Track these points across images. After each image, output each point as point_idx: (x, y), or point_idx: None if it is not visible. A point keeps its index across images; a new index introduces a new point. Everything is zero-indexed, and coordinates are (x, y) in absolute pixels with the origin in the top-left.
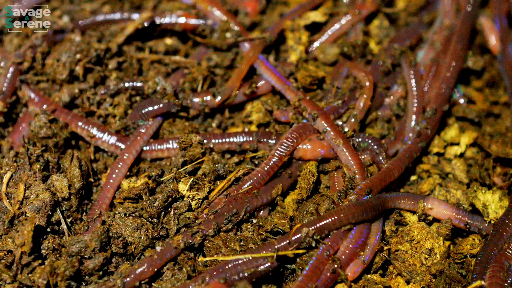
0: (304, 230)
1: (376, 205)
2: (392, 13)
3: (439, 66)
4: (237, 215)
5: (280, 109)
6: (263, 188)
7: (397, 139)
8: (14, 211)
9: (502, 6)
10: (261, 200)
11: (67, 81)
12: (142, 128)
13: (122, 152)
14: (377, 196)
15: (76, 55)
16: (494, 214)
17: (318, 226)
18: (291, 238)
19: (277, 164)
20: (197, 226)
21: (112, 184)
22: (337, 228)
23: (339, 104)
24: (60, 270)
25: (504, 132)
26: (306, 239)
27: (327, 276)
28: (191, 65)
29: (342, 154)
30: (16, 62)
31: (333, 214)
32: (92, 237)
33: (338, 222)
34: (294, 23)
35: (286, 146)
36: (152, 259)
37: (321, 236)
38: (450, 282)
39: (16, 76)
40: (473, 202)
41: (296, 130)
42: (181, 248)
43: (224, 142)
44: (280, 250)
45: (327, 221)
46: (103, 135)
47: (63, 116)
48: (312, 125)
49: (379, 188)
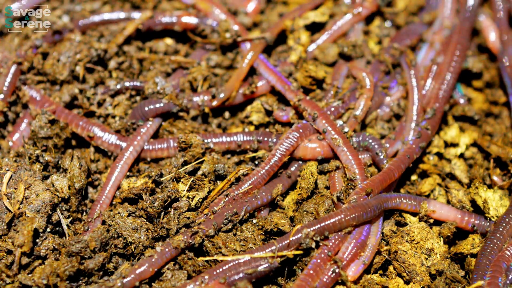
0: (304, 231)
1: (376, 206)
2: (392, 13)
3: (439, 66)
4: (237, 215)
5: (280, 109)
6: (263, 188)
7: (396, 138)
8: (14, 211)
9: (503, 5)
10: (261, 200)
11: (67, 81)
12: (142, 127)
13: (122, 152)
14: (378, 196)
15: (76, 55)
16: (494, 212)
17: (319, 227)
18: (290, 239)
19: (277, 164)
20: (197, 226)
21: (113, 184)
22: (338, 230)
23: (339, 104)
24: (60, 270)
25: (504, 132)
26: (306, 240)
27: (327, 276)
28: (191, 65)
29: (342, 154)
30: (17, 61)
31: (333, 216)
32: (92, 237)
33: (339, 224)
34: (294, 23)
35: (286, 146)
36: (152, 259)
37: (321, 237)
38: (450, 283)
39: (17, 76)
40: (474, 198)
41: (296, 130)
42: (181, 248)
43: (224, 141)
44: (280, 251)
45: (327, 222)
46: (104, 135)
47: (63, 116)
48: (312, 125)
49: (379, 189)
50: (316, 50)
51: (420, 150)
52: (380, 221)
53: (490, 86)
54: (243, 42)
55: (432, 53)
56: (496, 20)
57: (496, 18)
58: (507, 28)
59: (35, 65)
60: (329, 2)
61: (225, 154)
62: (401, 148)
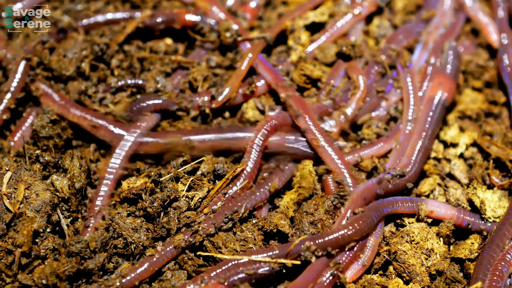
0: (306, 244)
1: (377, 218)
2: (391, 13)
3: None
4: (237, 213)
5: (271, 109)
6: (260, 183)
7: (390, 137)
8: (14, 211)
9: (503, 4)
10: (260, 196)
11: (73, 77)
12: (141, 121)
13: (120, 145)
14: (375, 204)
15: (82, 52)
16: (491, 213)
17: (321, 243)
18: (291, 249)
19: (259, 154)
20: (197, 225)
21: (111, 179)
22: (341, 246)
23: (330, 103)
24: (60, 270)
25: (504, 132)
26: (305, 253)
27: (326, 278)
28: (191, 64)
29: (324, 155)
30: (25, 57)
31: (338, 230)
32: (92, 237)
33: (342, 241)
34: (294, 23)
35: (261, 135)
36: (152, 258)
37: (323, 253)
38: (450, 283)
39: (26, 72)
40: (472, 199)
41: (269, 120)
42: (181, 248)
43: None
44: (279, 257)
45: (331, 237)
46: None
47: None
48: (293, 121)
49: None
50: (316, 50)
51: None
52: (380, 222)
53: (490, 86)
54: (243, 42)
55: (426, 54)
56: (496, 20)
57: (496, 17)
58: (507, 28)
59: (43, 60)
60: (328, 2)
61: (225, 154)
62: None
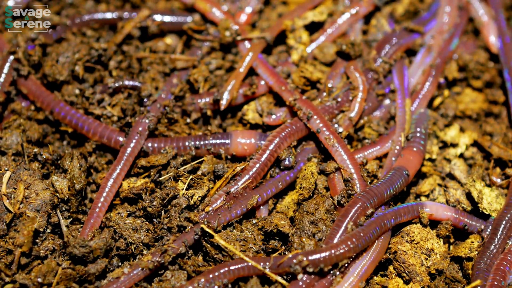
0: (298, 258)
1: (377, 232)
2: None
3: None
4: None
5: (268, 114)
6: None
7: (390, 134)
8: (14, 211)
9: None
10: (235, 212)
11: (67, 81)
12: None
13: (122, 151)
14: (375, 219)
15: (75, 55)
16: (488, 205)
17: (314, 259)
18: (283, 262)
19: (271, 159)
20: (167, 244)
21: (113, 184)
22: (333, 264)
23: (333, 103)
24: (60, 271)
25: (504, 132)
26: (295, 266)
27: (325, 280)
28: (191, 63)
29: (337, 154)
30: (11, 51)
31: (332, 248)
32: (98, 244)
33: (335, 258)
34: (294, 23)
35: (279, 141)
36: (118, 281)
37: (315, 269)
38: (449, 282)
39: (13, 66)
40: (470, 190)
41: (289, 125)
42: (149, 269)
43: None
44: (271, 269)
45: (325, 255)
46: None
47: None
48: (305, 124)
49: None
50: (316, 49)
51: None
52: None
53: (490, 86)
54: (242, 42)
55: (430, 58)
56: (496, 20)
57: (496, 17)
58: (507, 27)
59: (34, 59)
60: (328, 1)
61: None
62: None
